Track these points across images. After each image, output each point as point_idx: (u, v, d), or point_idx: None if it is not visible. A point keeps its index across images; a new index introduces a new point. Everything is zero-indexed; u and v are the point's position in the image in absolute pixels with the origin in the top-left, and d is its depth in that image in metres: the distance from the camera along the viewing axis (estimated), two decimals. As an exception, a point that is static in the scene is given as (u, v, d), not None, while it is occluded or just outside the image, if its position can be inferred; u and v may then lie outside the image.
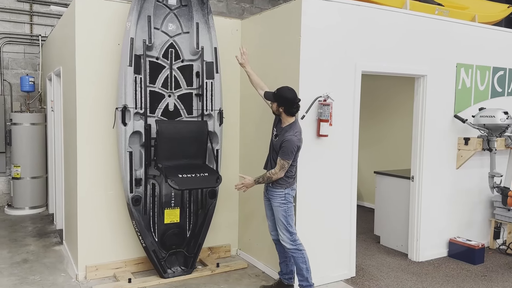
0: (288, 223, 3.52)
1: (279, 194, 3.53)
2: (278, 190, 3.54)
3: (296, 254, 3.54)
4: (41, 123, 6.50)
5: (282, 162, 3.43)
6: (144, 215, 3.98)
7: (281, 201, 3.53)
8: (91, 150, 4.01)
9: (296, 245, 3.54)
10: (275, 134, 3.60)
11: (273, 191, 3.56)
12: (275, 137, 3.58)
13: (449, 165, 4.84)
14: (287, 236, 3.52)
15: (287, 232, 3.52)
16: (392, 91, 6.69)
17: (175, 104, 4.12)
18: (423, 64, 4.51)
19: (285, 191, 3.53)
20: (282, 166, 3.43)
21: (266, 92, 3.61)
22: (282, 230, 3.54)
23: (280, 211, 3.53)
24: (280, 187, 3.53)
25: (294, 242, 3.54)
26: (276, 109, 3.53)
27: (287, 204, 3.53)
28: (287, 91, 3.49)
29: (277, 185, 3.54)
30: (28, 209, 6.48)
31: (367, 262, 4.63)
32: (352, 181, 4.13)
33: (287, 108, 3.46)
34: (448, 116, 4.77)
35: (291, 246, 3.53)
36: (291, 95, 3.47)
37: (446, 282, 4.16)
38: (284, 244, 3.55)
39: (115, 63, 4.01)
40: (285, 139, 3.42)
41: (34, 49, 7.06)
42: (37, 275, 4.13)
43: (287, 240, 3.53)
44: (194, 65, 4.18)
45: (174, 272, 4.09)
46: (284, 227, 3.52)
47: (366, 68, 4.09)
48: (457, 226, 4.98)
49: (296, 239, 3.55)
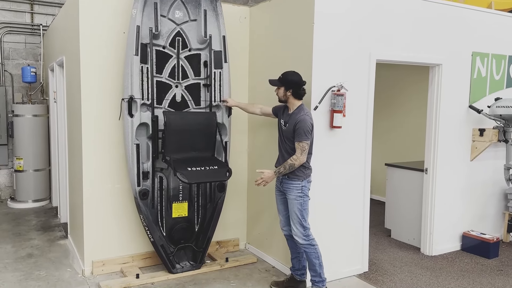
0: (303, 217, 3.41)
1: (296, 187, 3.41)
2: (295, 182, 3.41)
3: (309, 249, 3.43)
4: (44, 114, 6.38)
5: (301, 145, 3.30)
6: (151, 209, 3.87)
7: (297, 193, 3.40)
8: (96, 142, 3.89)
9: (309, 240, 3.43)
10: (283, 122, 3.49)
11: (289, 183, 3.43)
12: (285, 125, 3.47)
13: (463, 157, 4.71)
14: (301, 231, 3.41)
15: (301, 227, 3.41)
16: (403, 80, 6.54)
17: (182, 95, 3.98)
18: (438, 52, 4.36)
19: (302, 183, 3.41)
20: (303, 149, 3.30)
21: (271, 80, 3.49)
22: (296, 225, 3.43)
23: (296, 204, 3.41)
24: (297, 179, 3.41)
25: (308, 237, 3.43)
26: (283, 94, 3.43)
27: (304, 197, 3.41)
28: (292, 73, 3.43)
29: (294, 177, 3.41)
30: (32, 202, 6.38)
31: (379, 257, 4.53)
32: (366, 174, 4.01)
33: (295, 90, 3.38)
34: (463, 107, 4.63)
35: (304, 241, 3.42)
36: (297, 77, 3.40)
37: (461, 277, 4.05)
38: (296, 239, 3.44)
39: (120, 52, 3.87)
40: (298, 120, 3.31)
41: (36, 39, 6.91)
42: (43, 271, 4.04)
43: (300, 235, 3.42)
44: (201, 54, 4.04)
45: (182, 267, 3.99)
46: (298, 221, 3.41)
47: (381, 57, 3.95)
48: (471, 219, 4.87)
49: (309, 234, 3.45)
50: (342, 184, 3.91)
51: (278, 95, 3.48)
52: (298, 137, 3.31)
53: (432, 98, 4.47)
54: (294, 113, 3.41)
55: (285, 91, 3.41)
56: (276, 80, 3.45)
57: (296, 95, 3.40)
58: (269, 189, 4.24)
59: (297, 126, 3.31)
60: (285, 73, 3.44)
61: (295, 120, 3.34)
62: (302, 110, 3.38)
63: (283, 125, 3.50)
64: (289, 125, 3.40)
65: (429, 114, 4.52)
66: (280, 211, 3.64)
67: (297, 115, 3.37)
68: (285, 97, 3.43)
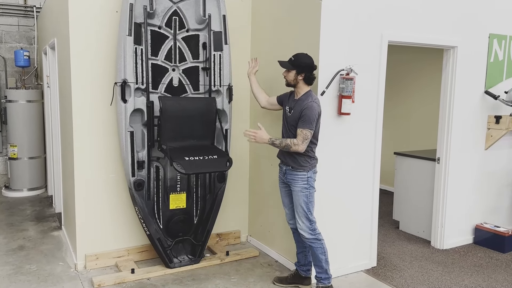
0: (308, 210, 3.18)
1: (301, 178, 3.17)
2: (300, 173, 3.17)
3: (315, 244, 3.21)
4: (38, 100, 6.13)
5: (304, 132, 3.04)
6: (147, 201, 3.64)
7: (303, 185, 3.16)
8: (88, 129, 3.65)
9: (316, 234, 3.21)
10: (289, 108, 3.23)
11: (294, 174, 3.19)
12: (290, 111, 3.21)
13: (478, 145, 4.45)
14: (306, 225, 3.19)
15: (306, 220, 3.19)
16: (413, 64, 6.24)
17: (179, 79, 3.73)
18: (454, 34, 4.07)
19: (308, 174, 3.17)
20: (305, 137, 3.05)
21: (282, 61, 3.21)
22: (301, 218, 3.20)
23: (301, 196, 3.17)
24: (302, 169, 3.16)
25: (314, 231, 3.20)
26: (293, 78, 3.14)
27: (309, 189, 3.18)
28: (306, 56, 3.15)
29: (299, 167, 3.17)
30: (27, 190, 6.18)
31: (387, 250, 4.31)
32: (375, 164, 3.77)
33: (308, 74, 3.11)
34: (478, 92, 4.36)
35: (310, 235, 3.19)
36: (310, 60, 3.13)
37: (475, 272, 3.83)
38: (302, 234, 3.22)
39: (113, 33, 3.61)
40: (305, 107, 3.05)
41: (29, 21, 6.63)
42: (34, 264, 3.84)
43: (306, 229, 3.19)
44: (200, 35, 3.76)
45: (180, 261, 3.78)
46: (304, 214, 3.18)
47: (393, 38, 3.67)
48: (484, 211, 4.63)
49: (316, 228, 3.22)
50: (350, 174, 3.67)
51: (286, 78, 3.19)
52: (302, 124, 3.06)
53: (446, 83, 4.19)
54: (301, 99, 3.15)
55: (296, 75, 3.13)
56: (287, 63, 3.15)
57: (307, 80, 3.13)
58: (271, 179, 4.01)
59: (303, 112, 3.06)
60: (297, 55, 3.15)
61: (302, 107, 3.09)
62: (310, 96, 3.12)
63: (288, 111, 3.24)
64: (295, 112, 3.15)
65: (442, 100, 4.25)
66: (285, 204, 3.41)
67: (304, 101, 3.11)
68: (295, 81, 3.15)
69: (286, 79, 3.21)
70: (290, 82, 3.18)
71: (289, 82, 3.18)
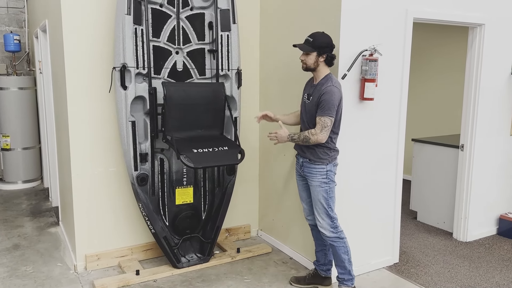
0: (329, 206, 2.89)
1: (320, 172, 2.87)
2: (318, 166, 2.87)
3: (337, 243, 2.93)
4: (31, 87, 5.78)
5: (323, 120, 2.73)
6: (152, 197, 3.35)
7: (321, 179, 2.87)
8: (85, 119, 3.33)
9: (337, 232, 2.93)
10: (307, 95, 2.91)
11: (312, 167, 2.89)
12: (308, 98, 2.89)
13: (503, 131, 4.16)
14: (327, 222, 2.91)
15: (327, 217, 2.90)
16: (431, 44, 5.89)
17: (184, 63, 3.40)
18: (481, 10, 3.73)
19: (327, 167, 2.86)
20: (324, 125, 2.73)
21: (299, 44, 2.84)
22: (321, 215, 2.91)
23: (320, 192, 2.88)
24: (320, 162, 2.86)
25: (335, 229, 2.92)
26: (314, 61, 2.79)
27: (329, 183, 2.88)
28: (323, 34, 2.81)
29: (317, 160, 2.86)
30: (21, 183, 5.88)
31: (408, 244, 4.05)
32: (399, 153, 3.47)
33: (330, 55, 2.79)
34: (504, 74, 4.05)
35: (332, 233, 2.91)
36: (329, 39, 2.80)
37: (505, 267, 3.58)
38: (322, 231, 2.94)
39: (111, 12, 3.26)
40: (323, 92, 2.73)
41: (19, 3, 6.22)
42: (30, 265, 3.56)
43: (327, 227, 2.91)
44: (206, 13, 3.42)
45: (189, 260, 3.51)
46: (324, 211, 2.90)
47: (419, 15, 3.33)
48: (507, 200, 4.37)
49: (338, 225, 2.94)
50: (371, 164, 3.38)
51: (306, 62, 2.82)
52: (321, 110, 2.73)
53: (471, 65, 3.87)
54: (320, 83, 2.82)
55: (317, 58, 2.78)
56: (307, 45, 2.79)
57: (329, 61, 2.80)
58: (285, 170, 3.71)
59: (322, 98, 2.73)
60: (314, 34, 2.80)
61: (320, 92, 2.76)
62: (330, 80, 2.79)
63: (306, 98, 2.92)
64: (313, 98, 2.82)
65: (467, 83, 3.93)
66: (303, 199, 3.12)
67: (323, 85, 2.78)
68: (315, 64, 2.80)
69: (304, 64, 2.85)
70: (310, 66, 2.82)
71: (309, 66, 2.83)
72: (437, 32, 5.69)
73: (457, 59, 5.40)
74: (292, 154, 3.60)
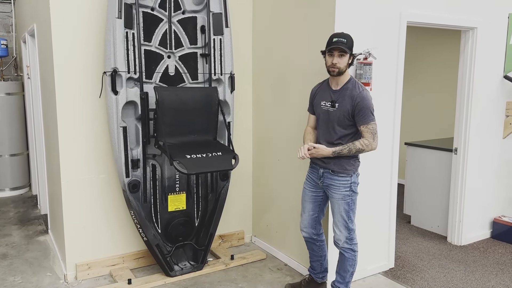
0: (349, 218, 2.78)
1: (344, 184, 2.74)
2: (342, 178, 2.73)
3: (349, 254, 2.83)
4: (18, 92, 5.67)
5: (370, 127, 2.62)
6: (144, 204, 3.28)
7: (345, 192, 2.74)
8: (75, 125, 3.25)
9: (352, 244, 2.83)
10: (331, 102, 2.72)
11: (335, 179, 2.75)
12: (333, 105, 2.71)
13: (495, 134, 4.17)
14: (345, 234, 2.80)
15: (345, 230, 2.79)
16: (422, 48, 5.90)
17: (176, 67, 3.34)
18: (473, 14, 3.74)
19: (352, 179, 2.74)
20: (374, 132, 2.63)
21: (341, 44, 2.59)
22: (340, 227, 2.79)
23: (342, 204, 2.75)
24: (346, 174, 2.73)
25: (351, 240, 2.82)
26: (347, 64, 2.65)
27: (352, 196, 2.76)
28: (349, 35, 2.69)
29: (343, 171, 2.72)
30: (9, 190, 5.75)
31: (403, 248, 4.02)
32: (393, 157, 3.45)
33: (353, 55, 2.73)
34: (496, 77, 4.06)
35: (347, 244, 2.81)
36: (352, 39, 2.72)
37: (500, 271, 3.57)
38: (336, 242, 2.85)
39: (102, 15, 3.19)
40: (358, 100, 2.60)
41: (6, 7, 6.12)
42: (18, 276, 3.46)
43: (343, 239, 2.80)
44: (198, 17, 3.38)
45: (182, 268, 3.44)
46: (343, 223, 2.78)
47: (413, 18, 3.32)
48: (502, 203, 4.37)
49: (354, 238, 2.83)
50: (367, 168, 3.33)
51: (339, 66, 2.62)
52: (365, 118, 2.61)
53: (464, 68, 3.88)
54: (345, 88, 2.68)
55: (349, 60, 2.65)
56: (345, 45, 2.59)
57: (351, 63, 2.71)
58: (279, 175, 3.67)
59: (361, 105, 2.60)
60: (345, 35, 2.64)
61: (354, 99, 2.62)
62: (357, 84, 2.68)
63: (329, 106, 2.74)
64: (341, 106, 2.67)
65: (460, 86, 3.94)
66: (305, 210, 2.98)
67: (352, 90, 2.65)
68: (347, 67, 2.67)
69: (337, 68, 2.63)
70: (343, 70, 2.65)
71: (341, 70, 2.65)
72: (430, 36, 5.71)
73: (450, 62, 5.42)
74: (286, 159, 3.57)
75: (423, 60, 5.91)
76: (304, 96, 3.27)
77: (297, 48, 3.35)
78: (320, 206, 2.95)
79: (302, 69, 3.31)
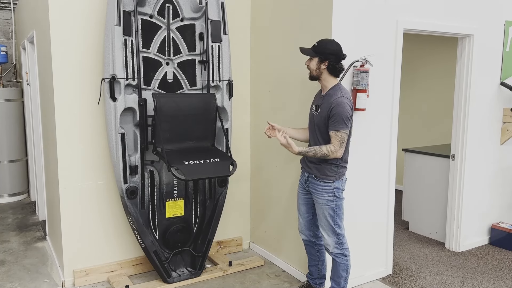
0: (335, 223, 2.80)
1: (326, 189, 2.78)
2: (324, 183, 2.78)
3: (340, 259, 2.85)
4: (18, 99, 5.69)
5: (339, 135, 2.63)
6: (141, 210, 3.28)
7: (327, 197, 2.78)
8: (73, 131, 3.26)
9: (343, 249, 2.84)
10: (315, 106, 2.81)
11: (317, 184, 2.80)
12: (316, 110, 2.78)
13: (493, 140, 4.19)
14: (333, 239, 2.82)
15: (333, 235, 2.81)
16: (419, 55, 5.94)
17: (174, 74, 3.36)
18: (470, 21, 3.77)
19: (334, 184, 2.77)
20: (342, 140, 2.64)
21: (303, 48, 2.79)
22: (327, 232, 2.82)
23: (326, 209, 2.78)
24: (326, 180, 2.77)
25: (341, 245, 2.84)
26: (315, 68, 2.72)
27: (336, 201, 2.79)
28: (331, 42, 2.73)
29: (323, 177, 2.77)
30: (8, 196, 5.75)
31: (401, 254, 4.02)
32: (391, 163, 3.46)
33: (333, 62, 2.67)
34: (493, 84, 4.08)
35: (337, 250, 2.84)
36: (336, 47, 2.70)
37: (498, 278, 3.57)
38: (327, 248, 2.87)
39: (100, 22, 3.22)
40: (334, 104, 2.63)
41: (6, 14, 6.16)
42: (16, 282, 3.45)
43: (332, 243, 2.83)
44: (196, 24, 3.40)
45: (179, 275, 3.43)
46: (330, 228, 2.80)
47: (409, 26, 3.35)
48: (499, 210, 4.38)
49: (344, 242, 2.85)
50: (364, 175, 3.36)
51: (309, 68, 2.77)
52: (335, 125, 2.63)
53: (461, 75, 3.90)
54: (328, 94, 2.73)
55: (318, 63, 2.70)
56: (309, 49, 2.74)
57: (332, 70, 2.70)
58: (278, 181, 3.68)
59: (334, 111, 2.63)
60: (321, 40, 2.75)
61: (330, 104, 2.65)
62: (339, 91, 2.70)
63: (314, 110, 2.82)
64: (322, 110, 2.72)
65: (457, 93, 3.96)
66: (300, 212, 3.03)
67: (332, 96, 2.68)
68: (317, 71, 2.72)
69: (308, 69, 2.80)
70: (313, 73, 2.75)
71: (312, 72, 2.76)
72: (427, 43, 5.75)
73: (447, 69, 5.45)
74: (284, 165, 3.58)
75: (423, 66, 5.94)
76: (301, 103, 3.30)
77: (295, 55, 3.37)
78: (313, 208, 2.97)
79: (300, 76, 3.32)
